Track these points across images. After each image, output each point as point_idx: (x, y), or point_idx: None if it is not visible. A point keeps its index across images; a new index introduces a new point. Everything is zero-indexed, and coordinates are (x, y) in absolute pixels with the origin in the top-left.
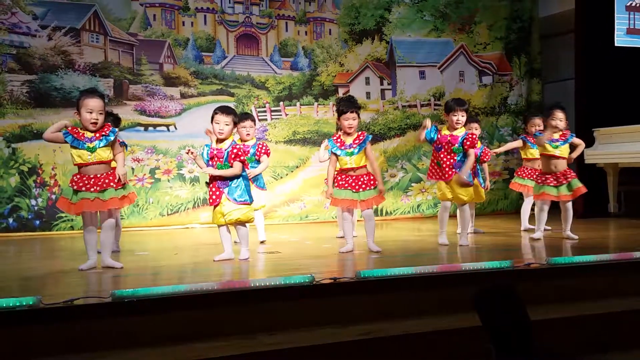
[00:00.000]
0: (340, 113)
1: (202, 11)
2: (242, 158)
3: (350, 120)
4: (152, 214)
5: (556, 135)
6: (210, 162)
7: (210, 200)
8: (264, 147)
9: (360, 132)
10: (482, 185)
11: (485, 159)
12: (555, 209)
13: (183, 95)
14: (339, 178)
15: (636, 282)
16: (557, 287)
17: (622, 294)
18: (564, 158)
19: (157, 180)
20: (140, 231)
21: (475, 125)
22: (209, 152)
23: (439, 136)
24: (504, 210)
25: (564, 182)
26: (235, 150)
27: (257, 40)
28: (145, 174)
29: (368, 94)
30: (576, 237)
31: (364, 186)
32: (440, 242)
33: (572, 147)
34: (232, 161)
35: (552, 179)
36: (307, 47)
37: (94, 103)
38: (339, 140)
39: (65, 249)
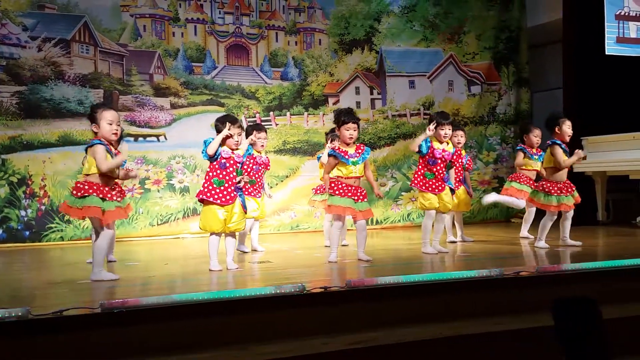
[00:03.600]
0: (342, 123)
1: (192, 22)
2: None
3: (351, 130)
4: (142, 224)
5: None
6: (226, 164)
7: (223, 200)
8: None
9: (359, 144)
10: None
11: (470, 168)
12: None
13: (173, 106)
14: (339, 186)
15: (625, 290)
16: (546, 295)
17: (611, 301)
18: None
19: (147, 190)
20: (130, 241)
21: (461, 133)
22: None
23: (432, 149)
24: (494, 219)
25: (572, 191)
26: (248, 163)
27: (247, 51)
28: (135, 185)
29: (358, 104)
30: (579, 242)
31: (362, 197)
32: (426, 252)
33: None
34: (245, 171)
35: (565, 189)
36: (297, 57)
37: (113, 115)
38: (341, 150)
39: (55, 260)
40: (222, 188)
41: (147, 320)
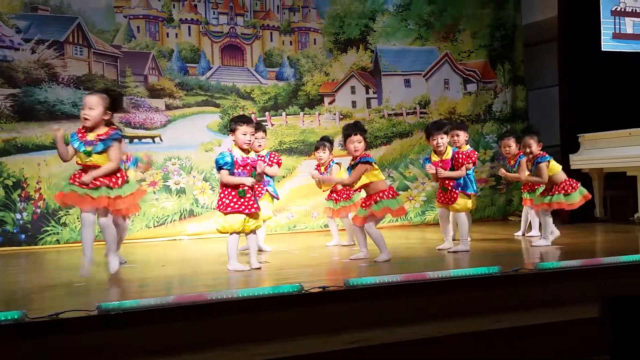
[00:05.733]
0: (346, 136)
1: (187, 22)
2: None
3: (355, 143)
4: (138, 226)
5: None
6: (241, 171)
7: (252, 209)
8: (276, 157)
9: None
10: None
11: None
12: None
13: (168, 107)
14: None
15: (623, 287)
16: (545, 292)
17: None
18: None
19: None
20: (126, 243)
21: (457, 132)
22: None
23: (436, 167)
24: (491, 217)
25: None
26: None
27: (242, 51)
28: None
29: (354, 103)
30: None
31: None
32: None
33: None
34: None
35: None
36: (292, 57)
37: (87, 99)
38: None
39: (51, 263)
40: (247, 197)
41: (144, 322)
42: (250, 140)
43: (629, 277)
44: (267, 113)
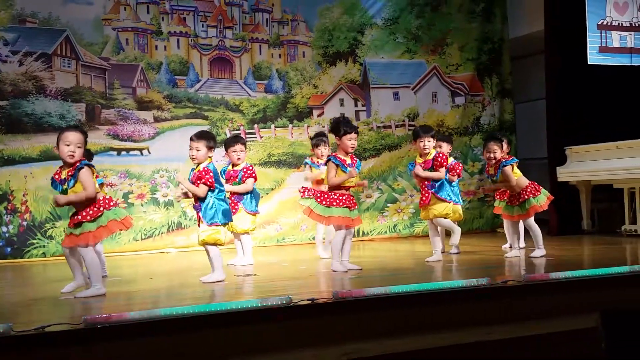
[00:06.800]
0: (344, 133)
1: (175, 35)
2: (208, 182)
3: (353, 140)
4: (125, 238)
5: None
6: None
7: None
8: (249, 170)
9: (351, 154)
10: (458, 202)
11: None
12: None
13: (156, 119)
14: (335, 196)
15: (610, 298)
16: (535, 304)
17: (597, 309)
18: None
19: (130, 204)
20: (113, 256)
21: (440, 143)
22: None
23: (416, 166)
24: (480, 229)
25: None
26: (202, 174)
27: (230, 64)
28: (118, 199)
29: (342, 116)
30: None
31: (354, 205)
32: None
33: None
34: (197, 183)
35: None
36: (281, 70)
37: (72, 136)
38: (341, 159)
39: (38, 276)
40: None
41: (131, 335)
42: (192, 155)
43: (618, 288)
44: (255, 125)
